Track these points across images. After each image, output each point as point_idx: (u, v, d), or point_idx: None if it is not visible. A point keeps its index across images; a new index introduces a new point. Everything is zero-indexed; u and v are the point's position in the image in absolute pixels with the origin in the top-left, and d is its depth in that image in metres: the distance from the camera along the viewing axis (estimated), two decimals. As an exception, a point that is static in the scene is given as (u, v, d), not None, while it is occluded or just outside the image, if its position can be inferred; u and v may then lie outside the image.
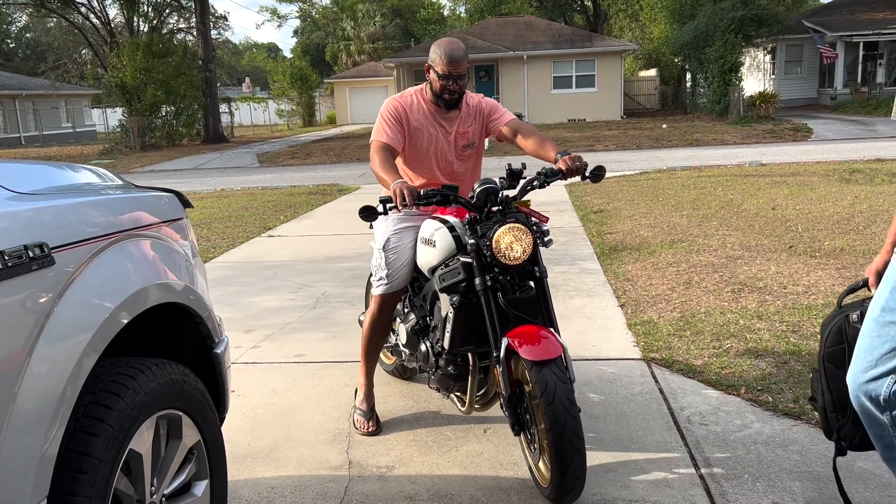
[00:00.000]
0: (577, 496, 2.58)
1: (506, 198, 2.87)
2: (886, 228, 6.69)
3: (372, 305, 3.37)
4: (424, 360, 3.21)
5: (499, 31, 32.28)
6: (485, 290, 2.74)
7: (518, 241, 2.68)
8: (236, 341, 4.67)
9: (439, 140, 3.25)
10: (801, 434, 3.08)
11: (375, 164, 3.03)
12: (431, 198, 2.80)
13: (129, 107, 27.07)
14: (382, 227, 3.30)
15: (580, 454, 2.47)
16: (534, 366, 2.51)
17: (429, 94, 3.24)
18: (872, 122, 21.89)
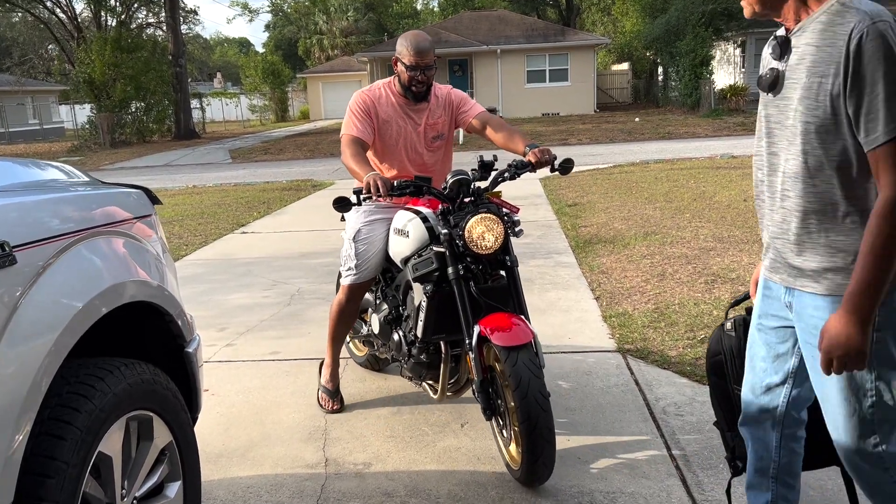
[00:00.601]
0: (548, 473, 2.67)
1: (478, 189, 2.92)
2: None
3: (340, 294, 3.40)
4: (397, 349, 3.25)
5: (472, 25, 32.26)
6: (457, 279, 2.80)
7: (490, 231, 2.74)
8: (210, 340, 4.61)
9: (408, 132, 3.28)
10: (774, 423, 3.11)
11: (347, 158, 3.07)
12: (405, 189, 2.84)
13: (98, 103, 26.64)
14: (354, 218, 3.33)
15: (551, 445, 2.56)
16: (505, 351, 2.57)
17: (397, 87, 3.26)
18: None
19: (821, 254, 1.76)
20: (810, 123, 1.69)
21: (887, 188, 1.59)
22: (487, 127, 3.29)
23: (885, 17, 1.59)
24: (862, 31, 1.57)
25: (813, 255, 1.77)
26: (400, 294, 3.29)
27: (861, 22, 1.58)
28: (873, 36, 1.56)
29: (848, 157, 1.67)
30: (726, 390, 2.16)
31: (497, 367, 2.72)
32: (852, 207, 1.70)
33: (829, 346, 1.67)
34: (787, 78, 1.74)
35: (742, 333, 2.10)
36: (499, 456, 2.96)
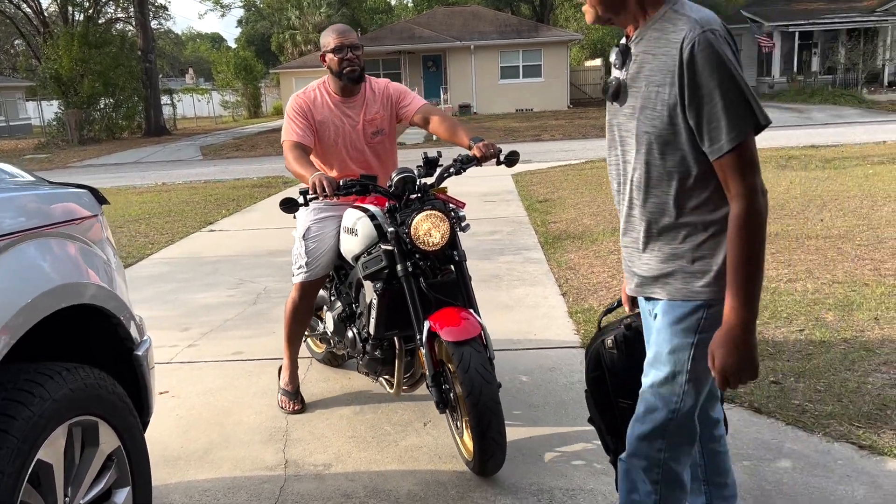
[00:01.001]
0: (500, 465, 2.70)
1: (424, 185, 2.94)
2: (818, 213, 6.90)
3: (293, 293, 3.40)
4: (352, 346, 3.29)
5: (446, 20, 32.19)
6: (406, 277, 2.83)
7: (436, 228, 2.78)
8: (172, 340, 4.55)
9: (346, 130, 3.27)
10: (734, 417, 3.13)
11: (290, 163, 3.06)
12: (351, 188, 2.85)
13: (66, 99, 26.17)
14: (303, 216, 3.34)
15: (497, 417, 2.60)
16: (453, 345, 2.62)
17: (331, 85, 3.27)
18: (808, 109, 22.55)
19: (662, 260, 1.75)
20: (650, 133, 1.67)
21: (738, 199, 1.58)
22: (430, 120, 3.28)
23: (714, 24, 1.58)
24: (693, 41, 1.55)
25: (656, 262, 1.76)
26: (353, 291, 3.32)
27: (692, 31, 1.56)
28: (703, 46, 1.54)
29: (687, 167, 1.65)
30: (608, 402, 2.10)
31: (449, 362, 2.74)
32: (691, 216, 1.69)
33: (720, 365, 1.64)
34: (630, 87, 1.70)
35: (624, 348, 2.04)
36: (458, 455, 2.94)
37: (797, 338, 3.92)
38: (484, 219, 8.05)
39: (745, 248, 1.57)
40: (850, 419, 3.02)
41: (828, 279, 4.88)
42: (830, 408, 3.12)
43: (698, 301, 1.72)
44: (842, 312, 4.23)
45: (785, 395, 3.27)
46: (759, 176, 1.58)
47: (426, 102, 3.39)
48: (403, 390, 3.19)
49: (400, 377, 3.09)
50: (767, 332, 4.02)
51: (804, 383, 3.37)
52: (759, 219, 1.58)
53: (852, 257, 5.36)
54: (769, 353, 3.72)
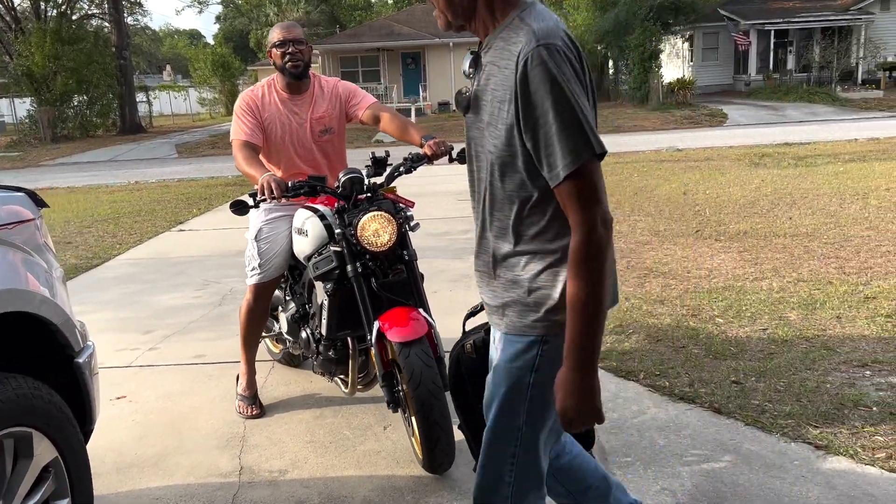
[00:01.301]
0: (449, 462, 2.75)
1: (373, 185, 2.94)
2: (787, 211, 6.95)
3: (247, 295, 3.37)
4: (306, 346, 3.30)
5: (424, 17, 32.07)
6: (356, 277, 2.83)
7: (383, 228, 2.79)
8: (134, 343, 4.47)
9: (293, 128, 3.25)
10: (694, 418, 3.13)
11: (239, 163, 3.05)
12: (299, 189, 2.83)
13: (39, 96, 25.77)
14: (255, 217, 3.32)
15: (447, 433, 2.62)
16: (399, 346, 2.62)
17: (278, 82, 3.25)
18: (783, 107, 22.76)
19: (504, 289, 1.60)
20: (492, 153, 1.52)
21: (576, 230, 1.42)
22: (381, 119, 3.26)
23: (552, 37, 1.41)
24: (527, 56, 1.39)
25: (500, 290, 1.62)
26: (305, 292, 3.31)
27: (528, 44, 1.40)
28: (537, 62, 1.38)
29: (527, 191, 1.51)
30: (470, 406, 1.99)
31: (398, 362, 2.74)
32: (531, 244, 1.55)
33: (560, 407, 1.49)
34: (480, 99, 1.53)
35: (484, 353, 1.90)
36: (416, 459, 2.91)
37: (760, 337, 3.93)
38: (458, 217, 8.02)
39: (582, 284, 1.42)
40: (807, 419, 3.02)
41: (793, 278, 4.90)
42: (789, 408, 3.13)
43: (532, 336, 1.57)
44: (805, 311, 4.25)
45: (745, 395, 3.27)
46: (600, 206, 1.41)
47: (376, 101, 3.38)
48: (358, 390, 3.19)
49: (354, 377, 3.08)
50: (731, 332, 4.02)
51: (765, 383, 3.38)
52: (598, 252, 1.41)
53: (818, 256, 5.40)
54: (732, 353, 3.72)
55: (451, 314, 4.67)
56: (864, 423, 2.96)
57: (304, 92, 3.27)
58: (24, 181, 15.53)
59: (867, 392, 3.22)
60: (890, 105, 21.31)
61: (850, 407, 3.09)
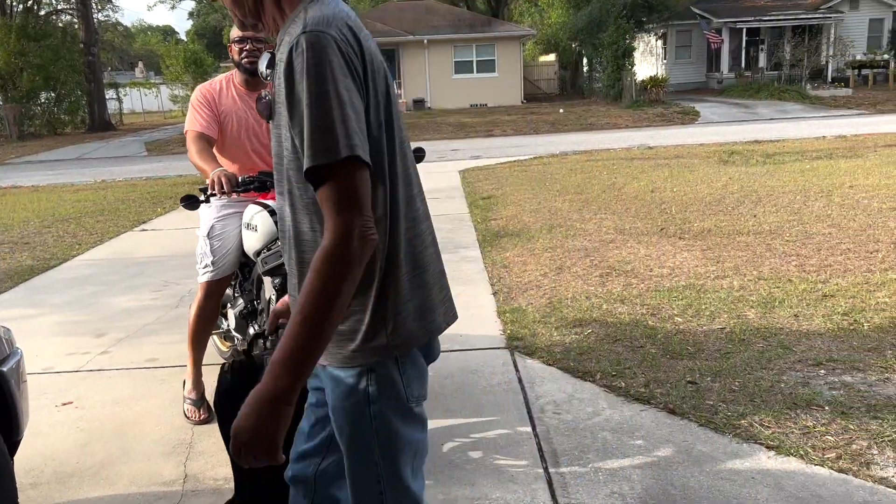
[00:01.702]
0: None
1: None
2: (752, 209, 6.98)
3: (198, 293, 3.33)
4: (254, 343, 3.16)
5: (399, 14, 31.97)
6: None
7: None
8: (85, 347, 4.36)
9: (249, 122, 3.26)
10: (648, 419, 3.11)
11: (192, 155, 3.07)
12: (249, 184, 2.84)
13: (4, 93, 25.27)
14: (206, 214, 3.30)
15: None
16: None
17: (237, 78, 3.28)
18: (755, 104, 22.97)
19: None
20: (286, 159, 1.38)
21: (326, 235, 1.26)
22: None
23: (324, 25, 1.28)
24: (291, 45, 1.27)
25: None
26: (254, 288, 3.33)
27: (296, 33, 1.28)
28: (299, 51, 1.26)
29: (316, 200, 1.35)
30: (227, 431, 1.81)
31: None
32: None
33: (234, 427, 1.28)
34: (275, 102, 1.37)
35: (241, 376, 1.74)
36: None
37: (718, 336, 3.92)
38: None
39: (312, 296, 1.24)
40: (760, 419, 3.01)
41: (754, 276, 4.91)
42: (742, 408, 3.11)
43: (357, 367, 1.43)
44: (764, 310, 4.25)
45: (700, 396, 3.26)
46: (358, 215, 1.26)
47: None
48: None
49: None
50: (689, 331, 4.01)
51: (720, 383, 3.37)
52: (342, 266, 1.24)
53: (780, 253, 5.42)
54: (689, 353, 3.71)
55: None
56: (816, 422, 2.96)
57: (262, 88, 3.26)
58: (-12, 180, 15.21)
59: (820, 391, 3.22)
60: (858, 103, 21.61)
61: (803, 407, 3.09)
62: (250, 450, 1.28)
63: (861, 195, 7.41)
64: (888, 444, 2.77)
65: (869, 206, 6.87)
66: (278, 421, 1.26)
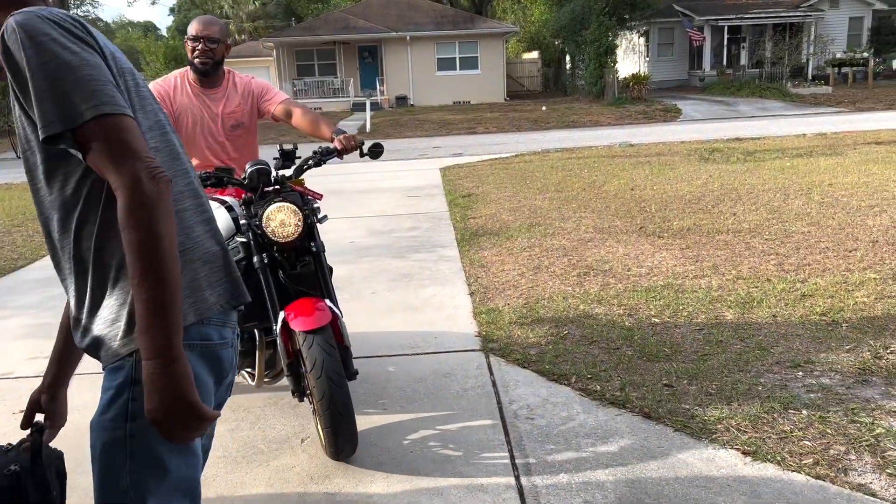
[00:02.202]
0: (352, 453, 2.82)
1: (281, 177, 2.98)
2: (732, 207, 6.94)
3: None
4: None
5: (381, 11, 31.79)
6: (262, 268, 2.85)
7: (288, 220, 2.81)
8: (47, 350, 4.22)
9: (205, 121, 3.29)
10: (623, 424, 3.03)
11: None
12: (206, 181, 2.85)
13: (-21, 89, 24.81)
14: None
15: (348, 421, 2.67)
16: (302, 335, 2.64)
17: (190, 75, 3.29)
18: (736, 102, 23.06)
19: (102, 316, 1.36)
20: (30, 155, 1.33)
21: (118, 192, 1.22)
22: (292, 114, 3.32)
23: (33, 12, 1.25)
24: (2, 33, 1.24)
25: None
26: None
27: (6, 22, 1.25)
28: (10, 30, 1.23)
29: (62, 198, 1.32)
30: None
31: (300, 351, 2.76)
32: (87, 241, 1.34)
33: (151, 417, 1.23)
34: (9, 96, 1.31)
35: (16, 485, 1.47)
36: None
37: (695, 337, 3.86)
38: (404, 214, 7.88)
39: (136, 253, 1.19)
40: (737, 424, 2.95)
41: (732, 275, 4.86)
42: (719, 412, 3.05)
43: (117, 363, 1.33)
44: (742, 310, 4.20)
45: (676, 399, 3.19)
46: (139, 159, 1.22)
47: (288, 97, 3.45)
48: (266, 382, 3.17)
49: (261, 369, 3.03)
50: (666, 332, 3.95)
51: (696, 386, 3.30)
52: (145, 212, 1.19)
53: (759, 252, 5.38)
54: (665, 355, 3.65)
55: (388, 315, 4.54)
56: (794, 427, 2.90)
57: (218, 86, 3.31)
58: (-39, 177, 14.92)
59: (798, 394, 3.16)
60: (838, 101, 21.74)
61: (780, 410, 3.03)
62: (179, 426, 1.24)
63: (840, 193, 7.41)
64: (866, 448, 2.71)
65: (848, 203, 6.86)
66: (180, 382, 1.22)
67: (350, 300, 4.89)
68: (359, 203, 8.84)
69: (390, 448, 2.94)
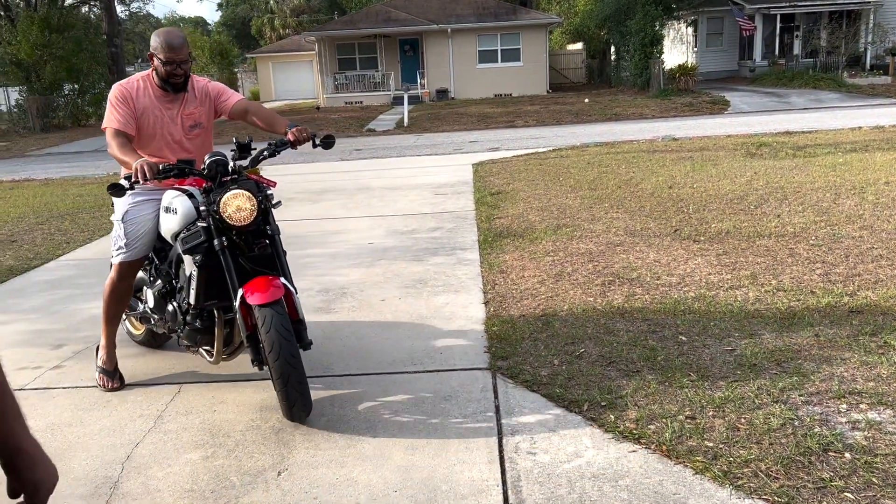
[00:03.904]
0: (307, 410, 3.05)
1: (238, 167, 3.20)
2: (777, 208, 6.46)
3: (112, 273, 3.53)
4: (172, 319, 3.47)
5: (423, 3, 31.48)
6: (222, 250, 3.09)
7: (244, 205, 3.02)
8: (38, 360, 4.05)
9: (165, 121, 3.47)
10: (636, 463, 2.68)
11: (114, 149, 3.26)
12: (169, 171, 3.08)
13: (29, 85, 25.35)
14: (121, 200, 3.47)
15: (297, 370, 2.93)
16: (257, 308, 2.93)
17: (155, 80, 3.45)
18: (788, 93, 22.12)
19: None
20: None
21: None
22: (248, 112, 3.54)
23: None
24: None
25: None
26: (173, 268, 3.50)
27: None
28: None
29: None
30: None
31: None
32: None
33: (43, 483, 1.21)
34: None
35: None
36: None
37: (726, 360, 3.46)
38: (429, 213, 7.57)
39: None
40: (767, 468, 2.57)
41: (772, 286, 4.43)
42: (747, 452, 2.67)
43: None
44: (780, 328, 3.78)
45: (699, 434, 2.82)
46: None
47: (243, 98, 3.67)
48: (224, 359, 3.44)
49: (220, 346, 3.31)
50: (694, 353, 3.56)
51: (723, 419, 2.92)
52: None
53: (803, 260, 4.92)
54: (690, 381, 3.26)
55: (394, 326, 4.24)
56: (834, 474, 2.50)
57: (178, 91, 3.49)
58: (5, 171, 15.16)
59: (841, 432, 2.76)
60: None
61: (819, 452, 2.63)
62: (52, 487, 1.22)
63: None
64: (920, 504, 2.31)
65: (906, 205, 6.31)
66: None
67: (356, 309, 4.61)
68: (385, 200, 8.56)
69: (371, 485, 2.65)
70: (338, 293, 4.97)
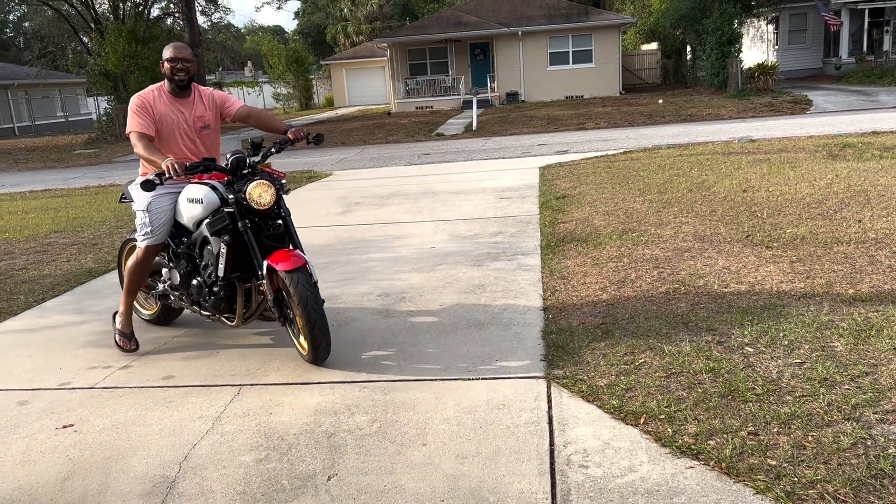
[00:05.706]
0: (327, 353, 3.76)
1: (253, 163, 3.87)
2: (858, 213, 6.14)
3: (138, 254, 4.14)
4: (198, 292, 4.05)
5: (493, 6, 31.45)
6: (245, 230, 3.76)
7: (265, 192, 3.69)
8: (108, 360, 4.22)
9: (181, 123, 4.11)
10: (693, 480, 2.57)
11: (141, 150, 3.84)
12: (196, 168, 3.75)
13: (116, 94, 26.58)
14: (142, 194, 4.00)
15: (322, 317, 3.61)
16: (286, 274, 3.58)
17: (166, 87, 4.10)
18: (876, 91, 21.04)
19: None
20: None
21: None
22: (250, 116, 4.26)
23: None
24: None
25: None
26: (196, 250, 4.08)
27: None
28: None
29: None
30: None
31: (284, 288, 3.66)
32: None
33: None
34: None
35: None
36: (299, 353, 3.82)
37: (794, 373, 3.28)
38: (492, 218, 7.52)
39: None
40: (835, 490, 2.42)
41: (849, 296, 4.19)
42: (814, 472, 2.52)
43: None
44: (856, 340, 3.56)
45: (762, 451, 2.68)
46: None
47: (244, 104, 4.39)
48: (243, 323, 4.07)
49: (241, 311, 3.98)
50: (760, 365, 3.39)
51: (789, 436, 2.77)
52: None
53: (884, 268, 4.64)
54: (755, 395, 3.11)
55: (451, 332, 4.19)
56: (909, 499, 2.33)
57: (187, 97, 4.15)
58: (93, 177, 15.93)
59: (918, 455, 2.57)
60: None
61: (893, 475, 2.46)
62: None
63: None
64: None
65: None
66: None
67: (414, 314, 4.61)
68: (449, 205, 8.56)
69: (419, 494, 2.62)
70: (397, 297, 4.98)
